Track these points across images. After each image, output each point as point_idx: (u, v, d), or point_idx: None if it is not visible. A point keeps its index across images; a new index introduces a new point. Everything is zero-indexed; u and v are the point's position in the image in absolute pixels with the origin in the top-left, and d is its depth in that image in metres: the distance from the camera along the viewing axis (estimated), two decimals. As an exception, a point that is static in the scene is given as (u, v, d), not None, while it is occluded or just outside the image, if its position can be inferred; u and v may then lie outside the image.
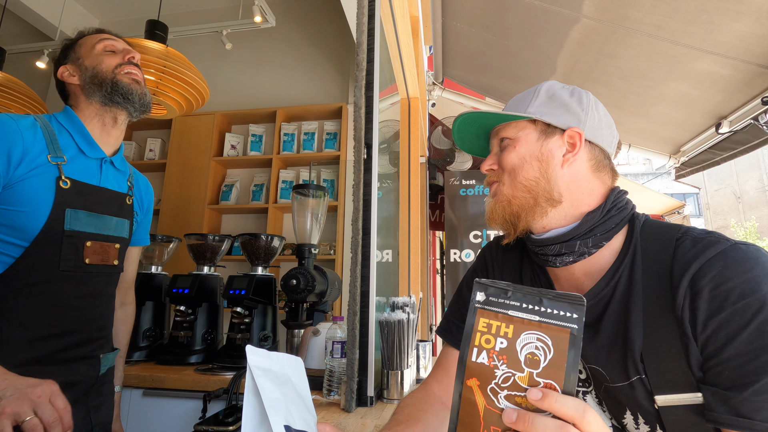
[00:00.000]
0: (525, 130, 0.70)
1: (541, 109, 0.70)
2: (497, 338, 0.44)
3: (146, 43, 1.81)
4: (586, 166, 0.69)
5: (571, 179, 0.68)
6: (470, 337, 0.45)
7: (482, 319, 0.46)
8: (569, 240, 0.65)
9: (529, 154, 0.69)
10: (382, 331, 1.21)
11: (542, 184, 0.67)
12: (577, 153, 0.68)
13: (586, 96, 0.71)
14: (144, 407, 1.44)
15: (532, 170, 0.68)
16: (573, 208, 0.67)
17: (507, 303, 0.46)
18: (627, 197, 0.70)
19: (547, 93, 0.71)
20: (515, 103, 0.74)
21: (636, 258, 0.63)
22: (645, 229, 0.65)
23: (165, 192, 3.30)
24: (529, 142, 0.70)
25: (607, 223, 0.65)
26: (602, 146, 0.70)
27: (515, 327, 0.44)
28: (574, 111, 0.69)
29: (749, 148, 2.05)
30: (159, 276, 1.81)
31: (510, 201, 0.70)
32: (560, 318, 0.43)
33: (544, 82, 0.74)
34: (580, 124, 0.68)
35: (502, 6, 2.15)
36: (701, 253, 0.57)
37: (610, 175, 0.71)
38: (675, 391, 0.56)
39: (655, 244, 0.63)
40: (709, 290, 0.54)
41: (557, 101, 0.70)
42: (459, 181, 2.98)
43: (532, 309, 0.45)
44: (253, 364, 0.49)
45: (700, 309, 0.55)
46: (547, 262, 0.69)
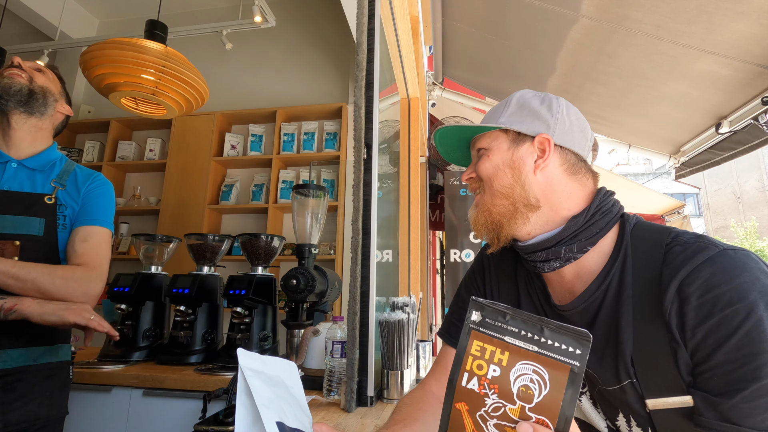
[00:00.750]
0: (497, 139, 0.72)
1: (511, 118, 0.72)
2: (490, 365, 0.42)
3: (145, 43, 1.81)
4: (560, 170, 0.69)
5: (546, 184, 0.69)
6: (462, 360, 0.43)
7: (476, 341, 0.44)
8: (554, 246, 0.66)
9: (502, 162, 0.71)
10: (382, 331, 1.21)
11: (518, 191, 0.69)
12: (547, 158, 0.68)
13: (557, 102, 0.72)
14: (144, 407, 1.43)
15: (506, 177, 0.70)
16: (553, 213, 0.68)
17: (504, 328, 0.43)
18: (614, 199, 0.70)
19: (518, 102, 0.73)
20: (489, 115, 0.77)
21: (626, 261, 0.63)
22: (636, 232, 0.65)
23: (165, 192, 3.30)
24: (501, 151, 0.71)
25: (592, 228, 0.65)
26: (574, 150, 0.70)
27: (511, 355, 0.42)
28: (543, 118, 0.70)
29: (749, 148, 2.05)
30: (159, 276, 1.81)
31: (490, 210, 0.71)
32: (561, 352, 0.40)
33: (516, 92, 0.76)
34: (549, 130, 0.69)
35: (502, 6, 2.15)
36: (689, 259, 0.57)
37: (590, 177, 0.71)
38: (665, 394, 0.57)
39: (645, 248, 0.63)
40: (697, 297, 0.55)
41: (527, 109, 0.72)
42: (459, 181, 2.98)
43: (532, 338, 0.42)
44: (244, 365, 0.49)
45: (688, 315, 0.55)
46: (536, 268, 0.70)
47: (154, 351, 1.72)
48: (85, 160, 3.56)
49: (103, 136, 3.64)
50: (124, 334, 1.70)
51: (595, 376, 0.64)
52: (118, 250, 3.36)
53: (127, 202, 3.47)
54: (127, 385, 1.45)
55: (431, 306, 3.50)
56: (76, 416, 1.46)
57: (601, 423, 0.66)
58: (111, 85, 1.82)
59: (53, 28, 3.47)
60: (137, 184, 3.61)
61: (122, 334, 1.70)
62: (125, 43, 1.77)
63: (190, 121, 3.39)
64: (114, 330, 1.13)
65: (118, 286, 1.70)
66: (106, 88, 1.85)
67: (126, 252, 3.34)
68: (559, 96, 0.75)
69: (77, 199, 1.22)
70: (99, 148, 3.60)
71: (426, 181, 3.09)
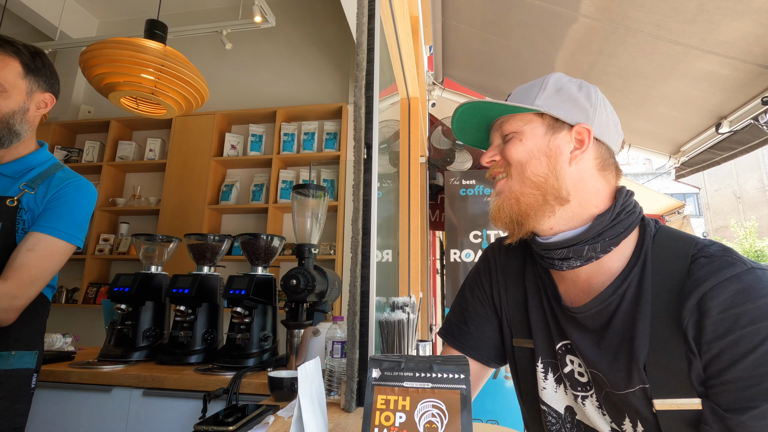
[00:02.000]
0: (531, 123, 0.67)
1: (549, 102, 0.67)
2: (396, 413, 0.46)
3: (144, 43, 1.81)
4: (593, 164, 0.66)
5: (578, 177, 0.65)
6: (370, 417, 0.47)
7: (380, 396, 0.47)
8: (576, 244, 0.63)
9: (537, 148, 0.66)
10: (382, 331, 1.21)
11: (551, 181, 0.65)
12: (585, 150, 0.65)
13: (595, 91, 0.69)
14: (144, 407, 1.43)
15: (541, 166, 0.65)
16: (581, 209, 0.65)
17: (401, 375, 0.47)
18: (634, 200, 0.68)
19: (555, 86, 0.68)
20: (520, 95, 0.70)
21: (646, 267, 0.61)
22: (659, 239, 0.63)
23: (165, 192, 3.30)
24: (536, 137, 0.67)
25: (617, 227, 0.63)
26: (609, 144, 0.68)
27: (411, 399, 0.46)
28: (583, 106, 0.66)
29: (749, 148, 2.05)
30: (159, 276, 1.80)
31: (518, 198, 0.66)
32: (450, 381, 0.46)
33: (551, 74, 0.70)
34: (589, 120, 0.66)
35: (501, 6, 2.15)
36: (714, 273, 0.55)
37: (614, 174, 0.69)
38: (674, 396, 0.56)
39: (668, 257, 0.61)
40: (718, 312, 0.53)
41: (565, 95, 0.67)
42: (459, 181, 2.98)
43: (425, 376, 0.47)
44: (302, 394, 0.54)
45: (706, 329, 0.54)
46: (553, 266, 0.67)
47: (154, 351, 1.72)
48: (85, 160, 3.56)
49: (103, 136, 3.64)
50: (124, 334, 1.70)
51: (604, 379, 0.62)
52: (118, 250, 3.36)
53: (127, 202, 3.47)
54: (127, 385, 1.45)
55: (431, 306, 3.50)
56: (76, 416, 1.46)
57: (605, 427, 0.65)
58: (110, 85, 1.82)
59: (53, 28, 3.47)
60: (137, 184, 3.61)
61: (122, 334, 1.70)
62: (124, 42, 1.77)
63: (190, 121, 3.39)
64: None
65: (118, 286, 1.70)
66: (106, 88, 1.84)
67: (126, 252, 3.34)
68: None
69: (41, 204, 1.11)
70: (99, 148, 3.60)
71: (426, 181, 3.09)
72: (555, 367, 0.70)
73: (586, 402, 0.67)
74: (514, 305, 0.77)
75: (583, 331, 0.65)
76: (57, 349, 1.78)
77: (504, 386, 2.55)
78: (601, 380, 0.63)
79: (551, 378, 0.71)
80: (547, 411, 0.71)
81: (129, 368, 1.53)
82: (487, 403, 2.54)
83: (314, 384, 0.58)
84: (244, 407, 1.05)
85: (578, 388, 0.67)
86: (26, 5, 3.25)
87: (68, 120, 3.68)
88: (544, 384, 0.71)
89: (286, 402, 1.11)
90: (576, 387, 0.67)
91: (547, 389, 0.71)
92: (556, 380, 0.70)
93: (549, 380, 0.71)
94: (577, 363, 0.67)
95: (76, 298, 3.37)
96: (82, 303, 3.25)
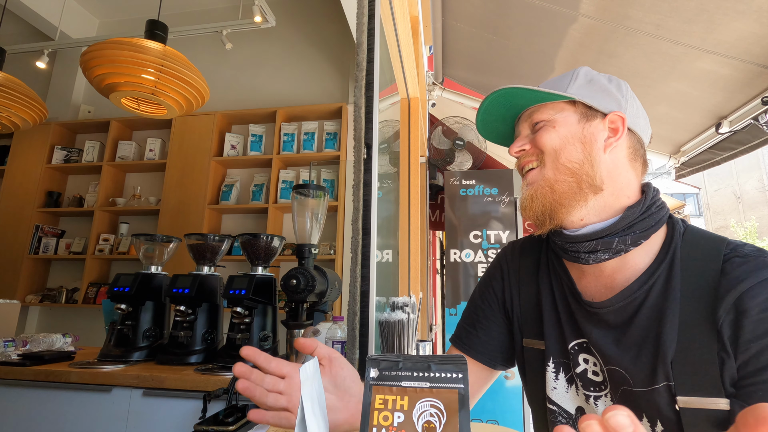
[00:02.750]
0: (564, 111, 0.67)
1: (581, 91, 0.67)
2: (394, 413, 0.46)
3: (145, 43, 1.81)
4: (625, 153, 0.66)
5: (613, 166, 0.65)
6: (368, 417, 0.47)
7: (378, 395, 0.47)
8: (606, 236, 0.62)
9: (571, 135, 0.65)
10: (382, 331, 1.21)
11: (586, 168, 0.64)
12: (619, 138, 0.65)
13: (625, 85, 0.70)
14: (144, 407, 1.43)
15: (576, 152, 0.65)
16: (613, 198, 0.64)
17: (399, 375, 0.48)
18: (661, 197, 0.67)
19: (586, 77, 0.69)
20: (552, 85, 0.70)
21: (674, 264, 0.61)
22: (688, 236, 0.63)
23: (165, 192, 3.30)
24: (569, 124, 0.66)
25: (647, 221, 0.62)
26: (640, 135, 0.68)
27: (409, 398, 0.46)
28: (615, 96, 0.67)
29: (749, 148, 2.05)
30: (159, 276, 1.80)
31: (552, 186, 0.65)
32: (448, 380, 0.46)
33: (580, 67, 0.71)
34: (622, 109, 0.66)
35: (502, 6, 2.15)
36: (753, 272, 0.55)
37: (642, 166, 0.69)
38: (700, 394, 0.55)
39: (698, 254, 0.60)
40: (758, 311, 0.53)
41: (597, 85, 0.67)
42: (459, 181, 2.98)
43: (423, 376, 0.47)
44: (304, 396, 0.54)
45: (745, 329, 0.53)
46: (579, 260, 0.66)
47: (154, 351, 1.72)
48: (85, 160, 3.56)
49: (103, 136, 3.64)
50: (124, 334, 1.70)
51: (626, 375, 0.61)
52: (118, 250, 3.36)
53: (127, 202, 3.47)
54: (127, 385, 1.45)
55: (431, 306, 3.50)
56: (76, 416, 1.46)
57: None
58: (111, 85, 1.82)
59: (53, 28, 3.47)
60: (137, 184, 3.61)
61: (122, 334, 1.70)
62: (124, 42, 1.77)
63: (190, 121, 3.39)
64: None
65: (118, 286, 1.70)
66: (107, 89, 1.85)
67: (126, 252, 3.34)
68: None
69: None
70: (99, 148, 3.60)
71: (426, 181, 3.09)
72: (567, 367, 0.70)
73: (599, 402, 0.66)
74: (527, 305, 0.76)
75: (604, 327, 0.64)
76: (57, 349, 1.78)
77: (504, 386, 2.55)
78: (620, 378, 0.62)
79: (562, 378, 0.70)
80: (557, 411, 0.70)
81: (129, 368, 1.53)
82: (487, 403, 2.54)
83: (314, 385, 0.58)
84: (244, 407, 1.05)
85: (591, 388, 0.66)
86: (26, 5, 3.25)
87: (68, 120, 3.68)
88: (554, 384, 0.70)
89: (286, 402, 1.11)
90: (588, 387, 0.67)
91: (557, 389, 0.70)
92: (567, 380, 0.70)
93: (560, 380, 0.70)
94: (592, 362, 0.67)
95: (76, 298, 3.37)
96: (82, 303, 3.25)
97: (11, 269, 3.38)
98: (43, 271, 3.54)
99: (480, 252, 2.84)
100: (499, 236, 2.84)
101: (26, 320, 3.43)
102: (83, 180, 3.71)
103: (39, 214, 3.48)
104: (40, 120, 2.30)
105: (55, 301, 3.36)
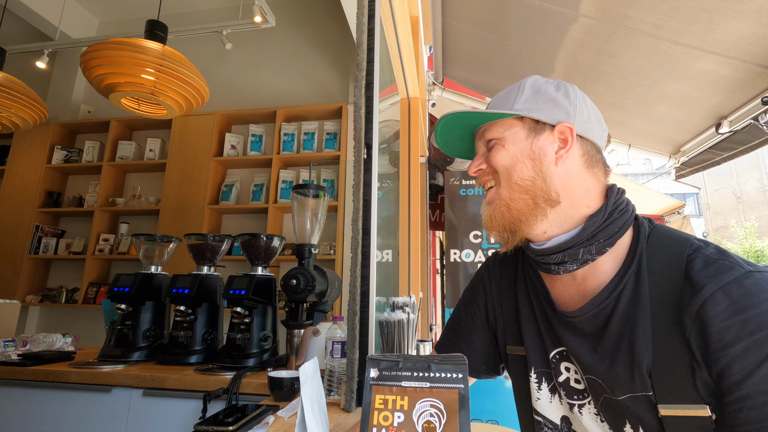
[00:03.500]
0: (512, 128, 0.67)
1: (527, 105, 0.66)
2: (394, 413, 0.46)
3: (143, 43, 1.81)
4: (579, 162, 0.65)
5: (567, 177, 0.64)
6: (368, 417, 0.47)
7: (378, 396, 0.48)
8: (571, 248, 0.62)
9: (520, 152, 0.65)
10: (382, 331, 1.21)
11: (539, 184, 0.64)
12: (569, 149, 0.64)
13: (573, 89, 0.68)
14: (144, 407, 1.43)
15: (527, 169, 0.65)
16: (572, 209, 0.64)
17: (399, 375, 0.48)
18: (626, 198, 0.67)
19: (533, 88, 0.67)
20: (499, 101, 0.70)
21: (641, 268, 0.60)
22: (653, 238, 0.62)
23: (165, 192, 3.30)
24: (518, 141, 0.66)
25: (610, 228, 0.62)
26: (593, 140, 0.67)
27: (409, 398, 0.46)
28: (562, 105, 0.65)
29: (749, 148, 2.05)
30: (159, 276, 1.80)
31: (508, 205, 0.66)
32: (448, 380, 0.46)
33: (526, 77, 0.70)
34: (570, 118, 0.65)
35: (502, 6, 2.15)
36: (713, 278, 0.54)
37: (603, 170, 0.68)
38: (681, 402, 0.54)
39: (663, 257, 0.59)
40: (722, 319, 0.51)
41: (543, 96, 0.66)
42: (459, 181, 2.98)
43: (423, 376, 0.47)
44: (304, 396, 0.54)
45: (711, 338, 0.52)
46: (550, 271, 0.66)
47: (154, 351, 1.72)
48: (85, 160, 3.56)
49: (103, 136, 3.64)
50: (124, 334, 1.70)
51: (602, 384, 0.60)
52: (118, 250, 3.36)
53: (127, 202, 3.47)
54: (127, 385, 1.45)
55: (431, 306, 3.50)
56: (77, 416, 1.46)
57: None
58: (110, 86, 1.82)
59: (53, 28, 3.47)
60: (137, 184, 3.61)
61: (122, 334, 1.70)
62: (123, 43, 1.77)
63: (190, 121, 3.39)
64: None
65: (118, 286, 1.70)
66: (106, 89, 1.85)
67: (126, 252, 3.34)
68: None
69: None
70: (99, 148, 3.60)
71: (426, 181, 3.09)
72: (549, 376, 0.69)
73: (582, 410, 0.65)
74: (509, 315, 0.76)
75: (579, 335, 0.64)
76: (57, 349, 1.78)
77: (504, 386, 2.55)
78: (598, 386, 0.61)
79: (545, 388, 0.70)
80: (543, 422, 0.70)
81: (129, 368, 1.53)
82: (487, 403, 2.54)
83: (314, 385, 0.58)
84: (244, 407, 1.05)
85: (574, 397, 0.66)
86: (26, 5, 3.25)
87: (68, 120, 3.68)
88: (538, 395, 0.70)
89: (286, 402, 1.11)
90: (572, 395, 0.66)
91: (541, 399, 0.70)
92: (550, 390, 0.69)
93: (543, 390, 0.70)
94: (573, 370, 0.66)
95: (76, 298, 3.37)
96: (82, 303, 3.25)
97: (11, 269, 3.38)
98: (43, 271, 3.54)
99: (480, 252, 2.84)
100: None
101: (26, 320, 3.43)
102: (83, 180, 3.71)
103: (39, 214, 3.48)
104: (40, 120, 2.30)
105: (55, 301, 3.36)
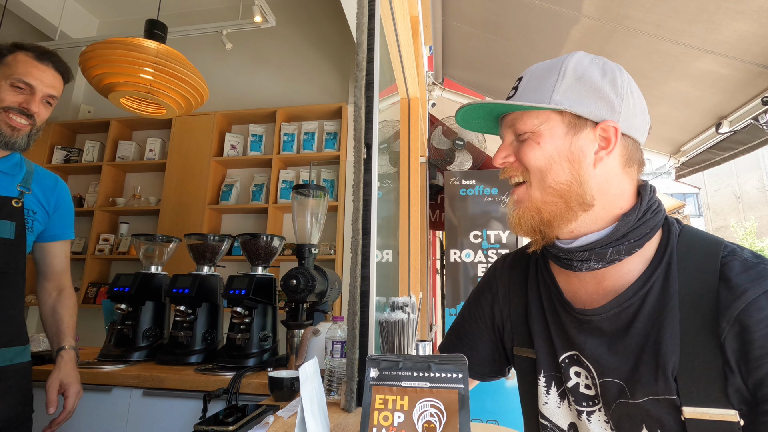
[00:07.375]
0: (549, 122, 0.60)
1: (568, 95, 0.59)
2: (394, 413, 0.46)
3: (140, 42, 1.81)
4: (618, 162, 0.61)
5: (603, 179, 0.60)
6: (368, 417, 0.47)
7: (378, 395, 0.47)
8: (600, 247, 0.59)
9: (557, 152, 0.60)
10: (382, 331, 1.21)
11: (575, 188, 0.59)
12: (611, 150, 0.59)
13: (620, 75, 0.61)
14: (144, 407, 1.43)
15: (563, 173, 0.60)
16: (605, 212, 0.60)
17: (399, 374, 0.48)
18: (658, 197, 0.63)
19: (575, 72, 0.60)
20: (535, 83, 0.63)
21: (671, 269, 0.57)
22: (684, 238, 0.59)
23: (165, 192, 3.30)
24: (555, 138, 0.60)
25: (642, 228, 0.59)
26: (635, 137, 0.62)
27: (409, 398, 0.46)
28: (608, 98, 0.59)
29: (749, 148, 2.05)
30: (159, 276, 1.80)
31: (540, 209, 0.61)
32: (448, 380, 0.46)
33: (568, 55, 0.63)
34: (615, 114, 0.59)
35: (502, 6, 2.15)
36: (755, 282, 0.51)
37: (638, 169, 0.63)
38: (706, 405, 0.52)
39: (695, 258, 0.57)
40: (766, 325, 0.50)
41: (587, 84, 0.60)
42: (459, 181, 2.98)
43: (423, 376, 0.47)
44: (304, 396, 0.54)
45: (754, 344, 0.50)
46: (572, 268, 0.63)
47: (154, 351, 1.72)
48: (85, 160, 3.56)
49: (103, 136, 3.64)
50: (124, 334, 1.70)
51: (623, 386, 0.58)
52: (118, 250, 3.36)
53: (127, 202, 3.47)
54: (127, 385, 1.45)
55: (431, 306, 3.50)
56: (76, 416, 1.45)
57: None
58: (109, 85, 1.82)
59: (53, 28, 3.47)
60: (137, 184, 3.61)
61: (122, 334, 1.70)
62: (121, 42, 1.77)
63: (190, 121, 3.39)
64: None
65: (118, 286, 1.70)
66: (105, 88, 1.84)
67: (126, 252, 3.34)
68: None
69: (46, 206, 1.26)
70: (99, 148, 3.60)
71: (426, 181, 3.09)
72: (559, 381, 0.67)
73: (591, 418, 0.62)
74: (518, 318, 0.74)
75: (598, 335, 0.61)
76: (57, 349, 1.78)
77: (504, 386, 2.55)
78: (615, 389, 0.59)
79: (554, 393, 0.67)
80: (549, 426, 0.68)
81: (129, 368, 1.53)
82: (487, 403, 2.54)
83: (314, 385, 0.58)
84: (244, 407, 1.05)
85: (583, 403, 0.63)
86: (26, 5, 3.25)
87: (68, 120, 3.68)
88: (546, 399, 0.68)
89: (286, 402, 1.11)
90: (581, 402, 0.64)
91: (549, 404, 0.68)
92: (559, 395, 0.67)
93: (552, 395, 0.68)
94: (584, 375, 0.64)
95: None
96: (82, 303, 3.25)
97: (11, 269, 3.37)
98: (43, 271, 3.54)
99: (480, 252, 2.84)
100: (499, 236, 2.84)
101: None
102: (83, 180, 3.71)
103: (39, 214, 3.48)
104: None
105: (55, 301, 3.36)
